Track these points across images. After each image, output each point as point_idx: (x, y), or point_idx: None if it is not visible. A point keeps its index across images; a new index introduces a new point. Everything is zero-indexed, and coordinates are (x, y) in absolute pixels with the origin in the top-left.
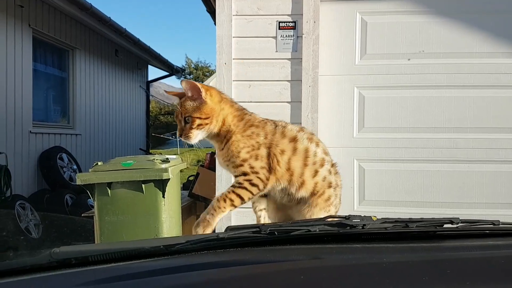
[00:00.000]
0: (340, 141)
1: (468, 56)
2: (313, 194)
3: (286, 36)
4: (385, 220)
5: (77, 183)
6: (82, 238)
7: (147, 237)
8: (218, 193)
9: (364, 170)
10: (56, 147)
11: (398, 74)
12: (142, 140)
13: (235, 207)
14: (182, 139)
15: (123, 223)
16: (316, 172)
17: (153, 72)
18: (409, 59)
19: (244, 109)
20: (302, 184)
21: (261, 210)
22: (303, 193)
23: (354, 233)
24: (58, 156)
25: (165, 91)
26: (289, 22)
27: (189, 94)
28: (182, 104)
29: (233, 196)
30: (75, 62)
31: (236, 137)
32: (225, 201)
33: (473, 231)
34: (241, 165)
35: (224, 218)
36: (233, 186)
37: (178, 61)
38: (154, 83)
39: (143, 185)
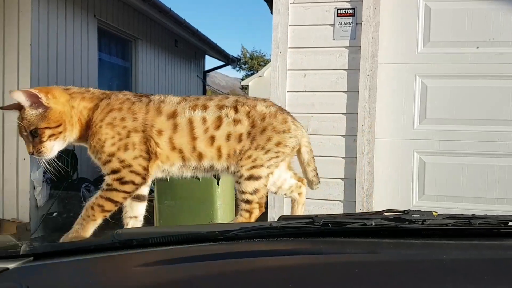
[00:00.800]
0: (400, 132)
1: None
2: (220, 158)
3: (344, 23)
4: (446, 216)
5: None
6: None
7: (202, 222)
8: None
9: (425, 163)
10: None
11: (464, 63)
12: None
13: (109, 212)
14: (36, 157)
15: (180, 208)
16: (212, 138)
17: (209, 61)
18: (477, 47)
19: (99, 94)
20: (200, 156)
21: (131, 217)
22: (209, 162)
23: (412, 229)
24: None
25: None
26: (348, 8)
27: (28, 104)
28: (23, 116)
29: (102, 201)
30: (138, 52)
31: (95, 128)
32: (93, 208)
33: None
34: (109, 161)
35: (277, 208)
36: (101, 189)
37: (233, 51)
38: (210, 73)
39: None
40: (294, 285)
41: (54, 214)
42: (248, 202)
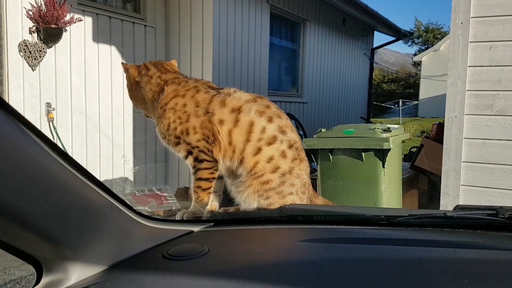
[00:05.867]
0: None
1: None
2: (249, 173)
3: None
4: None
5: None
6: None
7: (365, 205)
8: (444, 167)
9: None
10: (287, 114)
11: None
12: (363, 108)
13: (208, 189)
14: None
15: (343, 188)
16: (259, 150)
17: (378, 38)
18: None
19: (169, 79)
20: (241, 161)
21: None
22: (241, 170)
23: None
24: None
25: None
26: None
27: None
28: None
29: (197, 183)
30: (306, 34)
31: (159, 113)
32: (196, 192)
33: None
34: (178, 143)
35: (451, 196)
36: (192, 173)
37: (406, 25)
38: (379, 50)
39: (363, 154)
40: (471, 281)
41: None
42: None
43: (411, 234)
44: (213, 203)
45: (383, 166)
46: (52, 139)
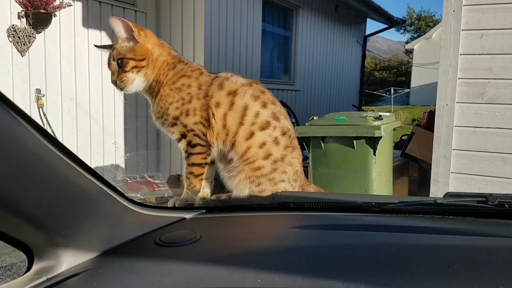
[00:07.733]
0: None
1: None
2: (241, 158)
3: None
4: None
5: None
6: None
7: (356, 192)
8: (435, 155)
9: None
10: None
11: None
12: (355, 96)
13: (200, 175)
14: (117, 87)
15: (335, 176)
16: (251, 134)
17: (370, 25)
18: None
19: (180, 57)
20: (233, 144)
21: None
22: (233, 154)
23: None
24: None
25: (94, 45)
26: None
27: (122, 35)
28: (115, 47)
29: (189, 169)
30: (298, 20)
31: (164, 90)
32: (188, 178)
33: None
34: (175, 124)
35: (441, 183)
36: (185, 157)
37: (398, 12)
38: (371, 37)
39: (354, 141)
40: (460, 266)
41: None
42: None
43: (402, 221)
44: (204, 190)
45: (374, 154)
46: (42, 125)
